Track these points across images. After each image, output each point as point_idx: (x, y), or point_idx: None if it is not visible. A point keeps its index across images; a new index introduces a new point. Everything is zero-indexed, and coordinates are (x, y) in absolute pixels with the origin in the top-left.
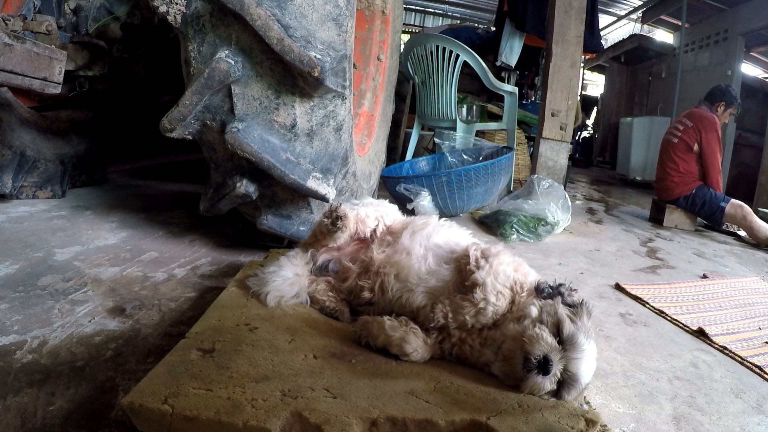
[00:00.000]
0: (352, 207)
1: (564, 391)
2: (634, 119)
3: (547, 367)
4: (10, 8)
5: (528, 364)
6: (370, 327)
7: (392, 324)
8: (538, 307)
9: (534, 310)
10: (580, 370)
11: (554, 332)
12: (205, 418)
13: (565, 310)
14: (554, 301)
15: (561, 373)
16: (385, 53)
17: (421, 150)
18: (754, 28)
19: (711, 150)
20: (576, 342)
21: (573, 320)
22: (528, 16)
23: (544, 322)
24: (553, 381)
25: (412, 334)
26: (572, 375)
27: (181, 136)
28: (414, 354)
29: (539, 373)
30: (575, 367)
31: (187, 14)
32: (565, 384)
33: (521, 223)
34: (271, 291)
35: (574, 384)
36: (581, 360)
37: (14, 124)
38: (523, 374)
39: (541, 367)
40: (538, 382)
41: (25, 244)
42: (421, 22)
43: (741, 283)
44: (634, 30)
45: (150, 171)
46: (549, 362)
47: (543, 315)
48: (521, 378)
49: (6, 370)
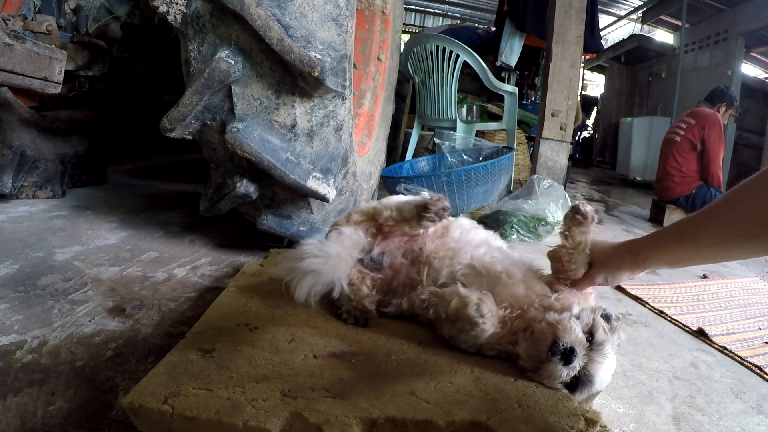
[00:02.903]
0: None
1: (578, 388)
2: (634, 119)
3: (570, 358)
4: (10, 8)
5: (554, 348)
6: (440, 293)
7: (465, 288)
8: (580, 307)
9: (576, 308)
10: (599, 373)
11: (587, 333)
12: (205, 418)
13: (602, 321)
14: (596, 308)
15: (580, 369)
16: (385, 53)
17: (421, 150)
18: (754, 29)
19: (714, 147)
20: (603, 348)
21: (606, 332)
22: (528, 16)
23: (581, 321)
24: (570, 373)
25: (487, 298)
26: (590, 375)
27: (181, 136)
28: (488, 317)
29: (561, 360)
30: (594, 369)
31: (187, 14)
32: (581, 382)
33: (521, 223)
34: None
35: (588, 385)
36: (602, 365)
37: (14, 124)
38: (547, 357)
39: (565, 356)
40: (557, 369)
41: (25, 244)
42: (421, 22)
43: (741, 283)
44: (634, 30)
45: (150, 171)
46: (573, 353)
47: (582, 314)
48: (543, 361)
49: (6, 370)
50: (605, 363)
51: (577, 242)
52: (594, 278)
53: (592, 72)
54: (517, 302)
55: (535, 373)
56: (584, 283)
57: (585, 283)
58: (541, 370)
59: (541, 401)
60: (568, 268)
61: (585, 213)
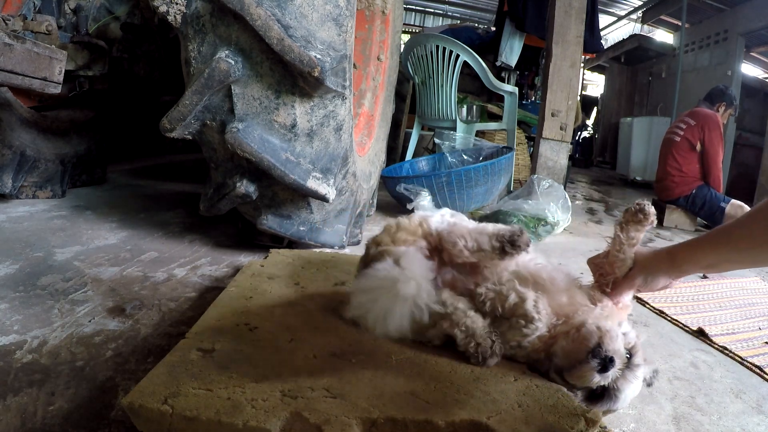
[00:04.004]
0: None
1: (601, 400)
2: (634, 119)
3: (608, 366)
4: (10, 8)
5: (596, 352)
6: (498, 289)
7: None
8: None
9: (626, 325)
10: (626, 392)
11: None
12: (205, 418)
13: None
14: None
15: (611, 382)
16: (385, 53)
17: (421, 150)
18: (754, 28)
19: (714, 148)
20: (637, 370)
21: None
22: (528, 16)
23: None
24: (601, 382)
25: (542, 298)
26: (617, 391)
27: (181, 136)
28: (543, 315)
29: (599, 365)
30: (623, 387)
31: (187, 14)
32: (607, 395)
33: (521, 223)
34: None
35: (613, 400)
36: (631, 385)
37: (14, 124)
38: (586, 359)
39: (603, 363)
40: (592, 373)
41: (25, 244)
42: (421, 22)
43: (741, 283)
44: (634, 30)
45: (150, 171)
46: (612, 363)
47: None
48: (581, 361)
49: (6, 370)
50: (634, 384)
51: (631, 237)
52: (634, 279)
53: (592, 72)
54: (560, 310)
55: (568, 372)
56: (625, 284)
57: (625, 285)
58: (575, 370)
59: (541, 401)
60: (616, 260)
61: (647, 213)
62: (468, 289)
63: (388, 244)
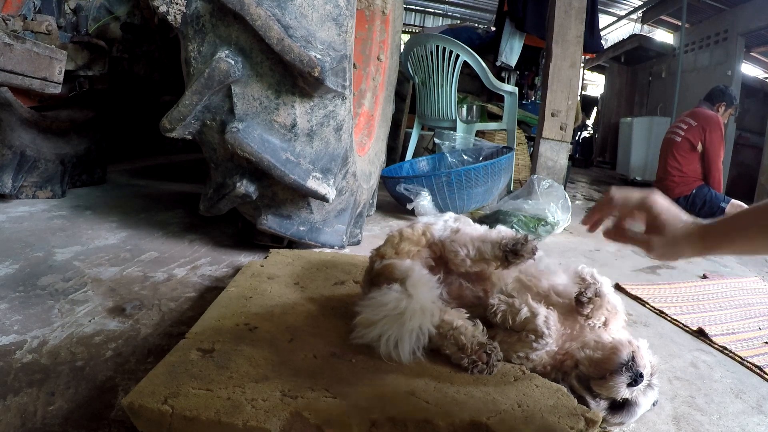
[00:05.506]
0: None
1: (621, 412)
2: (634, 119)
3: (637, 381)
4: (10, 8)
5: (629, 366)
6: (510, 301)
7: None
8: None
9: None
10: (643, 406)
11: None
12: (205, 419)
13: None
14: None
15: (632, 396)
16: (385, 53)
17: (421, 150)
18: (754, 28)
19: (714, 149)
20: (653, 389)
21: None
22: (528, 16)
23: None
24: (627, 395)
25: (552, 314)
26: (635, 404)
27: (181, 136)
28: (553, 331)
29: (630, 378)
30: (641, 401)
31: (187, 14)
32: (627, 407)
33: (521, 223)
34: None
35: (630, 413)
36: (648, 401)
37: (14, 124)
38: (616, 369)
39: (634, 377)
40: (622, 386)
41: (25, 244)
42: (421, 22)
43: (741, 283)
44: (634, 30)
45: (150, 171)
46: (641, 378)
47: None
48: (612, 372)
49: (6, 370)
50: (649, 400)
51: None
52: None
53: (592, 72)
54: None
55: (596, 381)
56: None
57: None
58: (606, 381)
59: (541, 401)
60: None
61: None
62: (477, 296)
63: (391, 257)
